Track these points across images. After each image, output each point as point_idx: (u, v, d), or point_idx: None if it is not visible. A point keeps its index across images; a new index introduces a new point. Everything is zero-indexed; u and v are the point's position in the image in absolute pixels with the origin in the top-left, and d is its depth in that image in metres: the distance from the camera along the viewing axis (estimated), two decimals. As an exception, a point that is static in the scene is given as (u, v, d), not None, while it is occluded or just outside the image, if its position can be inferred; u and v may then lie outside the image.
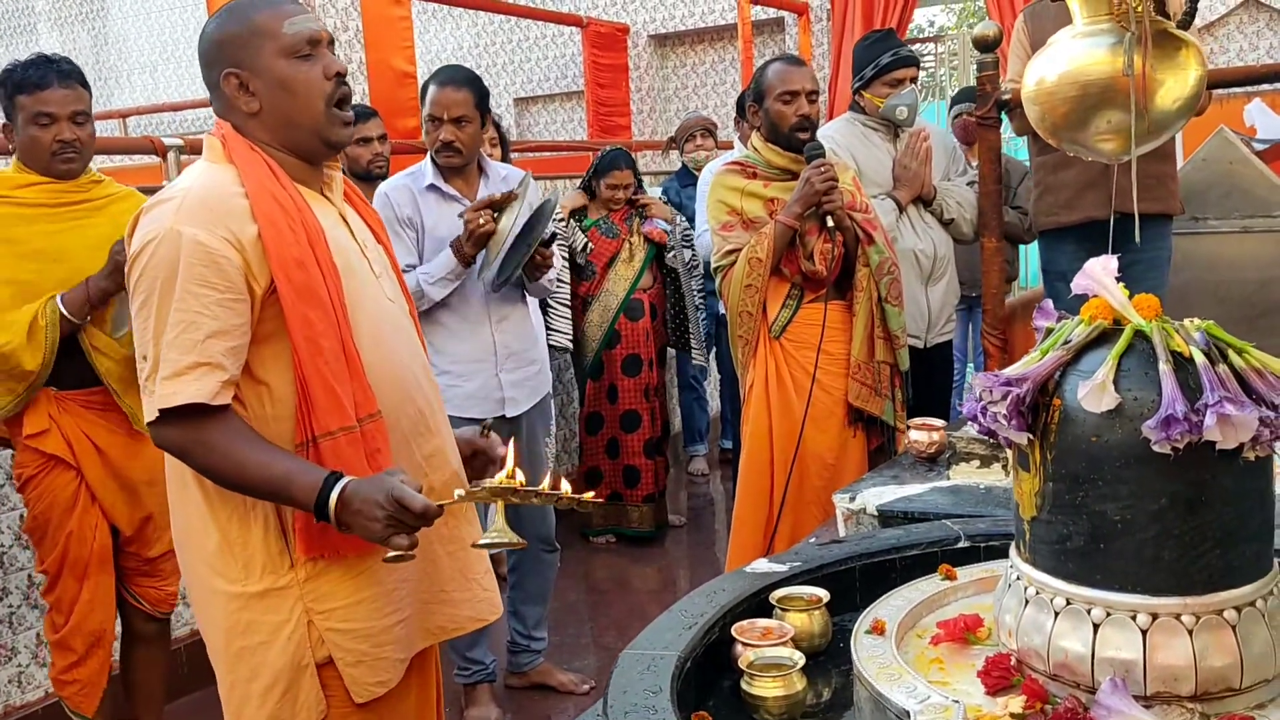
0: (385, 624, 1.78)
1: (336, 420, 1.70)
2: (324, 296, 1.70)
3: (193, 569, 1.78)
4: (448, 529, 1.90)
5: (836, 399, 3.19)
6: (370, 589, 1.76)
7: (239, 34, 1.75)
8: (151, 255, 1.64)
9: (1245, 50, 7.41)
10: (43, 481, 2.72)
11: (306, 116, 1.76)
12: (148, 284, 1.65)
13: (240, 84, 1.75)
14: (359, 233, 1.89)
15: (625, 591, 4.61)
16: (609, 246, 4.78)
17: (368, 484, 1.62)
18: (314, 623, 1.73)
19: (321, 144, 1.80)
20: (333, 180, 1.88)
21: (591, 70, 8.04)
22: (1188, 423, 1.14)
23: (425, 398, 1.89)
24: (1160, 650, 1.19)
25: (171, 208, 1.66)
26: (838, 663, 1.56)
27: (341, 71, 1.78)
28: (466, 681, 3.38)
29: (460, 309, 3.13)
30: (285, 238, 1.68)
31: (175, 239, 1.63)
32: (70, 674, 2.80)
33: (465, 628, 1.96)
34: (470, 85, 3.10)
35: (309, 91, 1.75)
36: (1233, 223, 4.17)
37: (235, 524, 1.72)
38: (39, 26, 13.76)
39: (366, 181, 3.80)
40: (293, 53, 1.74)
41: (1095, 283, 1.30)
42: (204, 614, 1.79)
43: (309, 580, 1.73)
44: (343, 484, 1.62)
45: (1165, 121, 1.79)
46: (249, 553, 1.72)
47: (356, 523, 1.61)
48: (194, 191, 1.69)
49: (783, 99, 3.17)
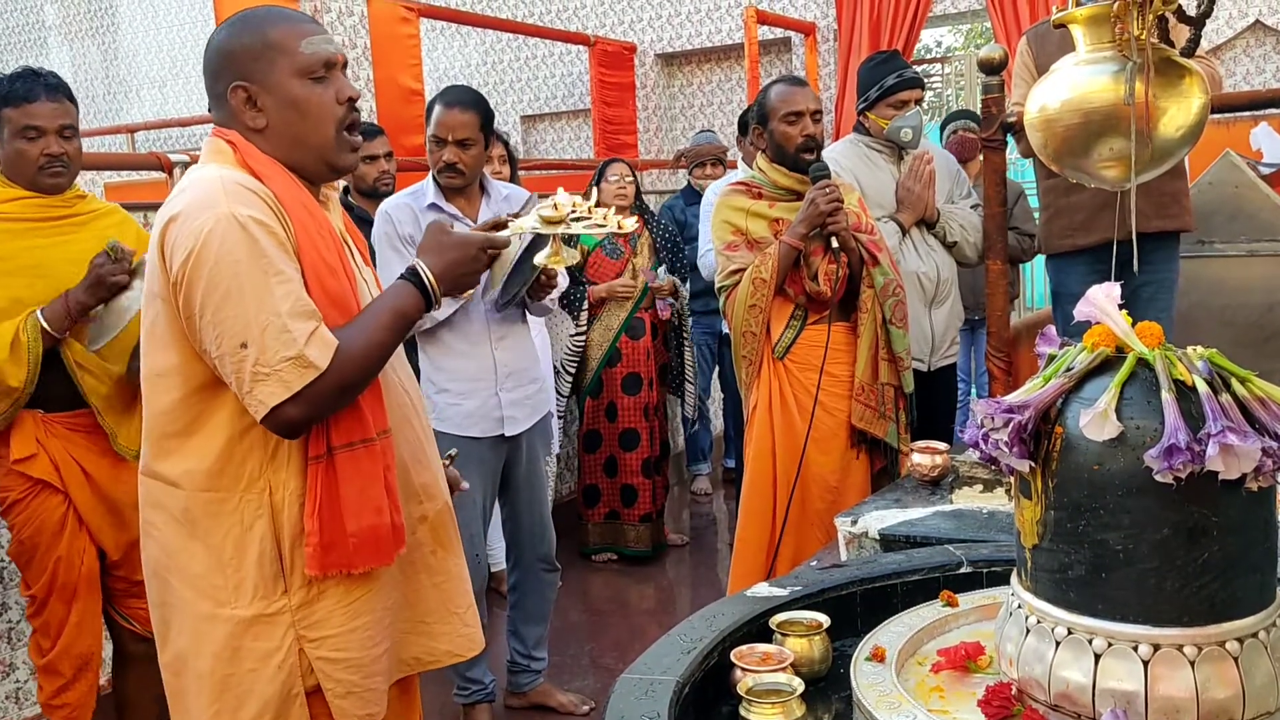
0: (375, 653, 1.75)
1: (359, 431, 1.68)
2: (352, 307, 1.69)
3: (175, 593, 1.72)
4: (434, 559, 1.88)
5: (840, 420, 3.18)
6: (364, 616, 1.73)
7: (252, 47, 1.71)
8: (220, 243, 1.57)
9: (1252, 73, 7.42)
10: (29, 505, 2.68)
11: (315, 139, 1.73)
12: (229, 271, 1.57)
13: (248, 98, 1.71)
14: (355, 255, 1.87)
15: (626, 611, 4.60)
16: (612, 267, 4.78)
17: (449, 251, 1.76)
18: (304, 650, 1.69)
19: (327, 168, 1.77)
20: (329, 201, 1.85)
21: (598, 88, 8.06)
22: (1190, 452, 1.13)
23: (421, 426, 1.89)
24: (1162, 681, 1.18)
25: (217, 194, 1.60)
26: (838, 689, 1.54)
27: (354, 97, 1.76)
28: (466, 701, 3.36)
29: (461, 327, 3.13)
30: (318, 243, 1.67)
31: (238, 221, 1.58)
32: (59, 698, 2.77)
33: (441, 661, 1.92)
34: (476, 107, 3.11)
35: (321, 114, 1.72)
36: (1239, 246, 4.16)
37: (230, 544, 1.67)
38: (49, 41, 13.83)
39: (372, 198, 3.81)
40: (307, 73, 1.71)
41: (1098, 310, 1.30)
42: (184, 638, 1.73)
43: (302, 607, 1.69)
44: (425, 269, 1.73)
45: (1168, 149, 1.78)
46: (242, 575, 1.67)
47: (462, 282, 1.78)
48: (230, 179, 1.64)
49: (787, 120, 3.17)
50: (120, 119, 12.30)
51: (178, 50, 12.94)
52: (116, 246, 2.63)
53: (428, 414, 3.15)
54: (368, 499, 1.67)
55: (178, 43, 12.93)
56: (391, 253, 3.10)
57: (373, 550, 1.68)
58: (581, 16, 10.03)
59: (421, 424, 1.89)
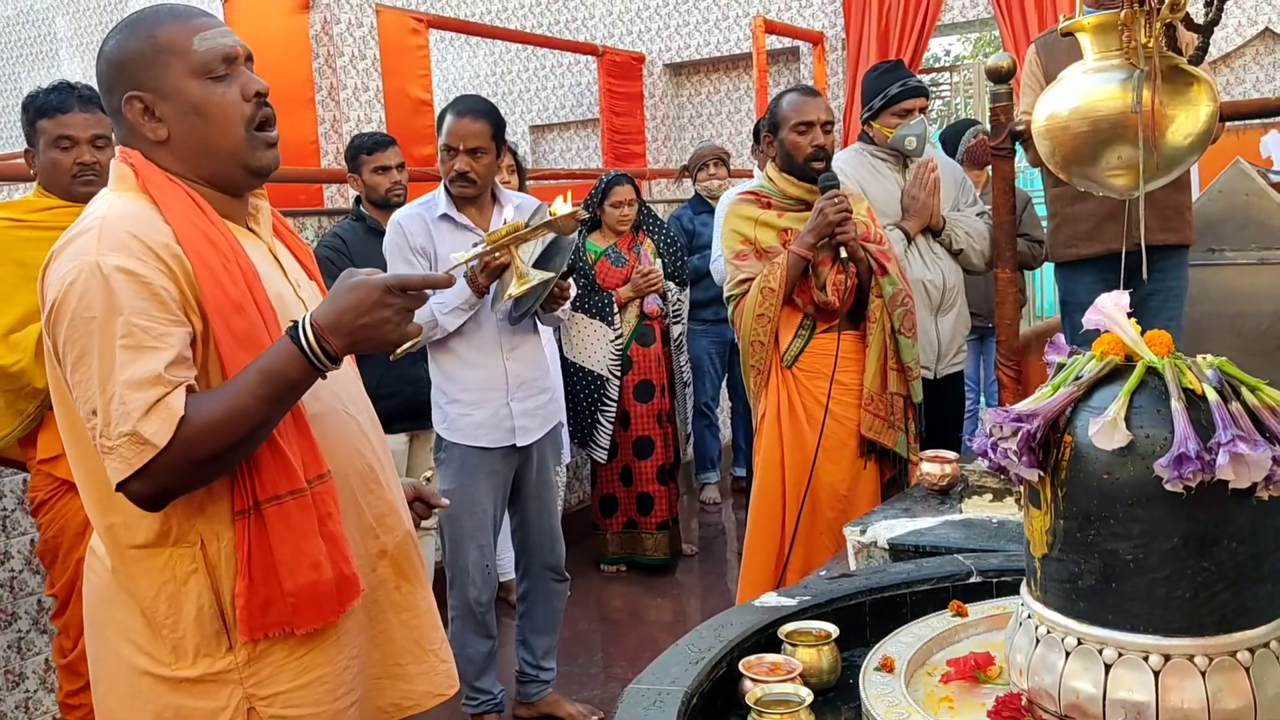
0: (337, 708, 1.60)
1: (285, 483, 1.51)
2: (266, 344, 1.50)
3: (110, 645, 1.57)
4: (400, 594, 1.74)
5: (849, 430, 3.17)
6: (318, 670, 1.58)
7: (142, 52, 1.54)
8: (80, 298, 1.42)
9: (1261, 81, 7.41)
10: (55, 505, 2.72)
11: (224, 143, 1.56)
12: (82, 331, 1.42)
13: (145, 108, 1.55)
14: (291, 271, 1.70)
15: (636, 621, 4.59)
16: (618, 275, 4.79)
17: (341, 297, 1.47)
18: (256, 709, 1.54)
19: (244, 172, 1.60)
20: (259, 211, 1.69)
21: (607, 98, 8.08)
22: (1200, 461, 1.13)
23: (374, 451, 1.72)
24: (1173, 692, 1.17)
25: (90, 240, 1.45)
26: (846, 700, 1.54)
27: (261, 91, 1.59)
28: (474, 711, 3.36)
29: (473, 337, 3.13)
30: (221, 279, 1.49)
31: (102, 273, 1.42)
32: (77, 698, 2.79)
33: (422, 704, 1.76)
34: (487, 116, 3.11)
35: (225, 116, 1.56)
36: (1249, 254, 4.15)
37: (163, 603, 1.52)
38: (60, 53, 13.91)
39: (385, 209, 3.82)
40: (205, 72, 1.55)
41: (1107, 318, 1.29)
42: (116, 697, 1.57)
43: (250, 663, 1.53)
44: (308, 320, 1.46)
45: (1176, 157, 1.78)
46: (178, 635, 1.52)
47: (366, 335, 1.48)
48: (112, 220, 1.47)
49: (798, 130, 3.18)
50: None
51: (188, 62, 12.99)
52: None
53: (439, 424, 3.17)
54: (303, 555, 1.52)
55: (188, 54, 12.99)
56: (403, 264, 3.10)
57: (314, 609, 1.53)
58: (590, 27, 10.07)
59: (375, 448, 1.72)
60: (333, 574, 1.55)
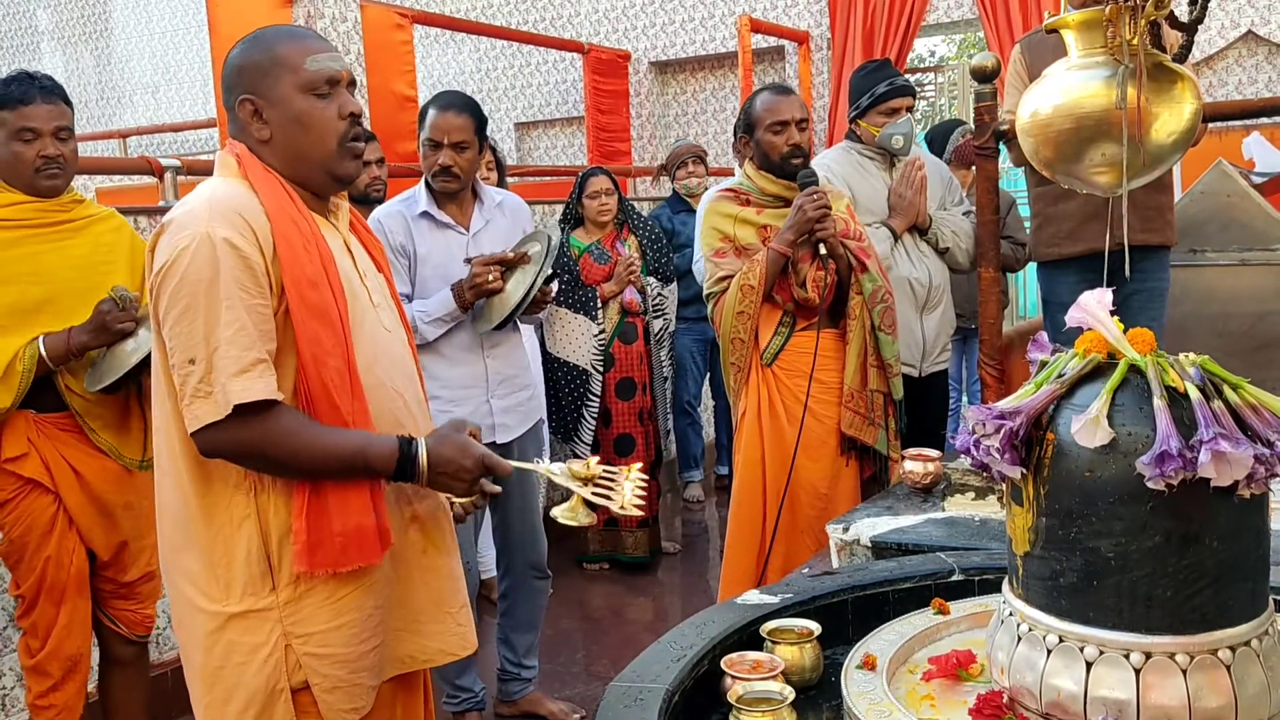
0: (361, 650, 1.79)
1: None
2: (334, 317, 1.73)
3: (176, 586, 1.80)
4: (425, 559, 1.92)
5: (829, 428, 3.17)
6: (349, 614, 1.77)
7: (260, 62, 1.79)
8: (191, 260, 1.65)
9: (1244, 83, 7.45)
10: (20, 505, 2.70)
11: (317, 152, 1.80)
12: (190, 289, 1.65)
13: (255, 111, 1.79)
14: (360, 261, 1.92)
15: (618, 619, 4.58)
16: (601, 271, 4.78)
17: (450, 445, 1.77)
18: (292, 646, 1.74)
19: (330, 178, 1.84)
20: (339, 209, 1.92)
21: (592, 96, 8.06)
22: (1182, 459, 1.13)
23: (416, 427, 1.91)
24: (1154, 690, 1.17)
25: (202, 213, 1.68)
26: (828, 697, 1.53)
27: (356, 112, 1.82)
28: (455, 710, 3.35)
29: (453, 334, 3.12)
30: (301, 256, 1.72)
31: (212, 242, 1.65)
32: (47, 699, 2.77)
33: (434, 660, 1.95)
34: (470, 111, 3.10)
35: (322, 129, 1.79)
36: (1231, 255, 4.17)
37: (220, 545, 1.73)
38: (42, 46, 13.81)
39: (364, 204, 3.79)
40: (311, 89, 1.79)
41: (1089, 316, 1.29)
42: (184, 632, 1.80)
43: (289, 604, 1.74)
44: (425, 448, 1.75)
45: (1160, 155, 1.78)
46: (230, 574, 1.73)
47: (443, 483, 1.78)
48: (219, 198, 1.71)
49: (773, 129, 3.17)
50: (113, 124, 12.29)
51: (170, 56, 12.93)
52: (123, 295, 2.66)
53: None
54: (354, 499, 1.73)
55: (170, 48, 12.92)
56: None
57: (359, 549, 1.73)
58: (575, 24, 10.05)
59: (416, 426, 1.91)
60: (374, 521, 1.75)
